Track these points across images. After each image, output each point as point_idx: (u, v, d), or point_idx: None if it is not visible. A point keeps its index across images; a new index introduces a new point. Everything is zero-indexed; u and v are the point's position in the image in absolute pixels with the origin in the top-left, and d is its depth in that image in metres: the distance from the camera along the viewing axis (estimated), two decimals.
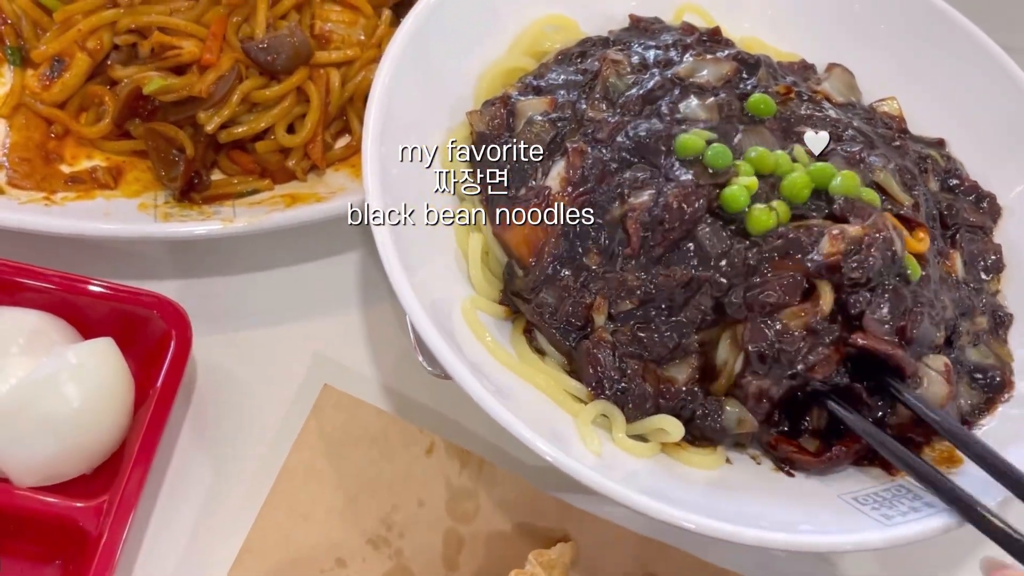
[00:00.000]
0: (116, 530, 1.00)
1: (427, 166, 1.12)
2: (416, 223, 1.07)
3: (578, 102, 1.15)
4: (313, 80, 1.30)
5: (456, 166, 1.14)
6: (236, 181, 1.28)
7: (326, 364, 1.23)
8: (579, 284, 1.05)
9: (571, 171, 1.07)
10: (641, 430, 1.03)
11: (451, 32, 1.19)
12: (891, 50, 1.33)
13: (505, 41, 1.24)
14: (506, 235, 1.08)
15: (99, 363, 1.05)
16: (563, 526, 1.10)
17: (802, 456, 1.05)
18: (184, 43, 1.26)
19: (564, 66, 1.20)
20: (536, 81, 1.19)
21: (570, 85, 1.17)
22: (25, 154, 1.26)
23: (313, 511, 1.08)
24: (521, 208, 1.07)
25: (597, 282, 1.05)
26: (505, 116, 1.14)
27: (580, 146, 1.09)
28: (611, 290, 1.04)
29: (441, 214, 1.09)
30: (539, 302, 1.06)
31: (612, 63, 1.17)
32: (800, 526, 0.97)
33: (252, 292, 1.27)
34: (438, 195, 1.12)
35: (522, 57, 1.23)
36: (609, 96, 1.15)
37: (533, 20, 1.25)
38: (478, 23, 1.22)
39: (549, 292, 1.06)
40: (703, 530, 0.91)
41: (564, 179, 1.08)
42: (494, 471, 1.11)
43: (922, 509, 0.98)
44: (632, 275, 1.03)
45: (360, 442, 1.11)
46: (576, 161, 1.08)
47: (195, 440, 1.15)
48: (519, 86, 1.19)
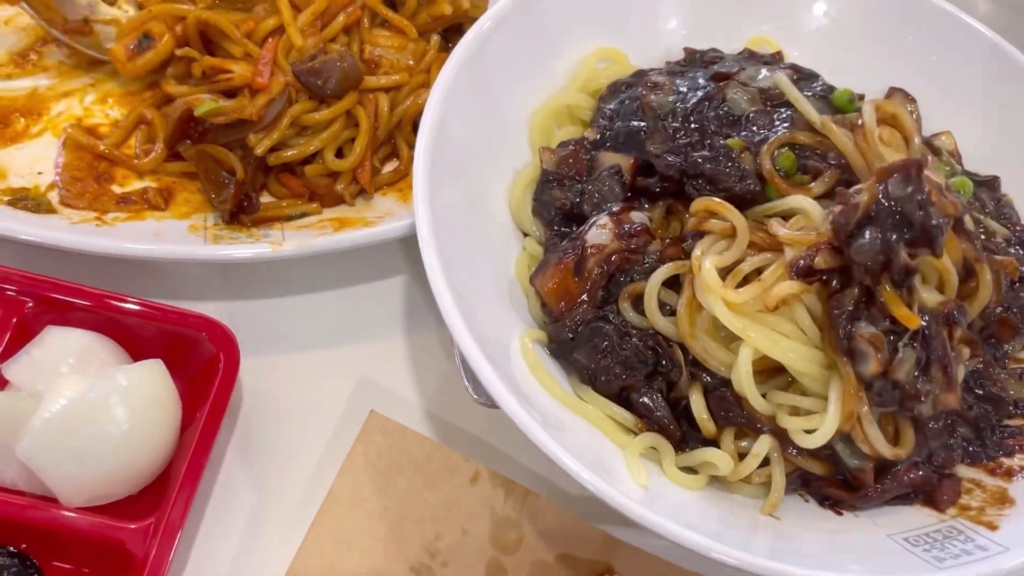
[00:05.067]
0: (162, 552, 1.00)
1: (477, 194, 1.12)
2: (465, 250, 1.07)
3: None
4: (362, 104, 1.31)
5: (521, 202, 1.14)
6: (285, 204, 1.28)
7: (371, 389, 1.23)
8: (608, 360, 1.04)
9: (615, 229, 1.07)
10: (690, 462, 1.03)
11: (502, 59, 1.20)
12: (944, 83, 1.32)
13: (556, 69, 1.24)
14: (536, 282, 1.08)
15: (148, 385, 1.05)
16: (606, 558, 1.10)
17: (837, 491, 1.04)
18: (235, 67, 1.27)
19: (617, 95, 1.20)
20: (605, 123, 1.19)
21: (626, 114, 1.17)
22: (77, 173, 1.27)
23: (357, 538, 1.07)
24: (557, 257, 1.07)
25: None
26: (583, 161, 1.14)
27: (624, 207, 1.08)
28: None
29: (494, 242, 1.09)
30: (574, 360, 1.06)
31: (651, 85, 1.17)
32: (849, 566, 0.96)
33: (299, 315, 1.28)
34: (490, 222, 1.12)
35: (576, 94, 1.24)
36: (656, 115, 1.15)
37: (585, 55, 1.25)
38: (529, 50, 1.23)
39: (581, 353, 1.05)
40: (746, 566, 0.90)
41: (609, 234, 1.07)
42: (539, 501, 1.11)
43: (974, 552, 0.97)
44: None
45: (405, 469, 1.11)
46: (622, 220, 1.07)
47: (240, 463, 1.15)
48: (596, 130, 1.18)
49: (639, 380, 1.03)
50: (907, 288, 0.98)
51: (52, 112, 1.34)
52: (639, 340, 1.03)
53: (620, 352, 1.03)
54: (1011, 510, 1.03)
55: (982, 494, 1.05)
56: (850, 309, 0.97)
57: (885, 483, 1.02)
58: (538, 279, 1.07)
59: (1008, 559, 0.94)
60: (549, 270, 1.06)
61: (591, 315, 1.04)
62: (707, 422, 1.03)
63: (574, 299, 1.05)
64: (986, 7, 1.61)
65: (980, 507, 1.03)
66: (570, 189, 1.12)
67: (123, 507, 1.05)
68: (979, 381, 1.10)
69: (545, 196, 1.13)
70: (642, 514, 0.91)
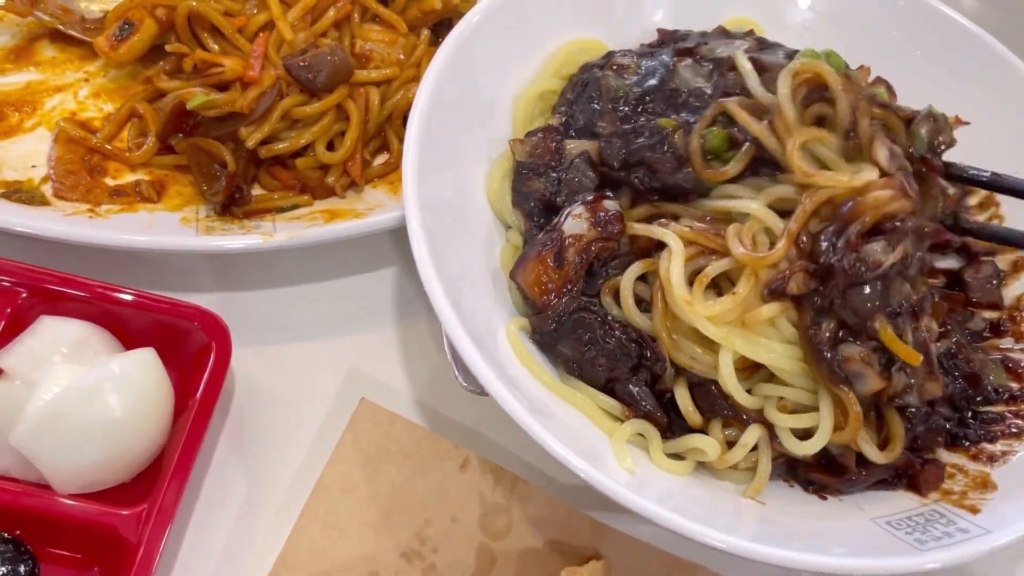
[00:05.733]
0: (154, 538, 1.01)
1: (466, 185, 1.13)
2: (454, 241, 1.08)
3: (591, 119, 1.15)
4: (353, 98, 1.32)
5: (499, 194, 1.15)
6: (276, 196, 1.30)
7: (361, 378, 1.24)
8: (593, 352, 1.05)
9: (591, 218, 1.06)
10: (677, 448, 1.04)
11: (490, 53, 1.21)
12: (928, 78, 1.33)
13: (543, 62, 1.25)
14: (518, 276, 1.07)
15: (141, 373, 1.06)
16: (595, 544, 1.11)
17: (821, 476, 1.05)
18: (226, 61, 1.28)
19: (581, 77, 1.20)
20: (566, 109, 1.19)
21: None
22: (71, 167, 1.28)
23: (348, 524, 1.09)
24: (536, 250, 1.06)
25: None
26: (552, 149, 1.13)
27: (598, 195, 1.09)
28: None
29: (481, 233, 1.10)
30: (559, 352, 1.06)
31: (615, 68, 1.16)
32: (832, 548, 0.97)
33: (290, 306, 1.29)
34: (477, 213, 1.13)
35: (552, 79, 1.24)
36: (611, 96, 1.14)
37: (562, 45, 1.25)
38: (517, 44, 1.23)
39: (566, 345, 1.05)
40: (733, 550, 0.92)
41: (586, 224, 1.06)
42: (528, 488, 1.12)
43: (955, 535, 0.98)
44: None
45: (395, 456, 1.12)
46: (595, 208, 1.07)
47: (232, 451, 1.16)
48: (558, 116, 1.18)
49: (624, 372, 1.04)
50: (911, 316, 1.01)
51: (46, 106, 1.35)
52: (622, 333, 1.03)
53: (604, 345, 1.03)
54: (993, 494, 1.04)
55: (964, 479, 1.06)
56: (828, 336, 0.99)
57: (869, 467, 1.04)
58: (519, 273, 1.06)
59: (989, 541, 0.95)
60: (529, 264, 1.05)
61: (574, 305, 1.04)
62: (693, 414, 1.04)
63: (556, 291, 1.05)
64: (972, 3, 1.63)
65: (962, 491, 1.05)
66: (547, 179, 1.12)
67: (116, 494, 1.06)
68: (952, 361, 1.12)
69: (523, 188, 1.13)
70: (629, 499, 0.92)
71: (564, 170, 1.12)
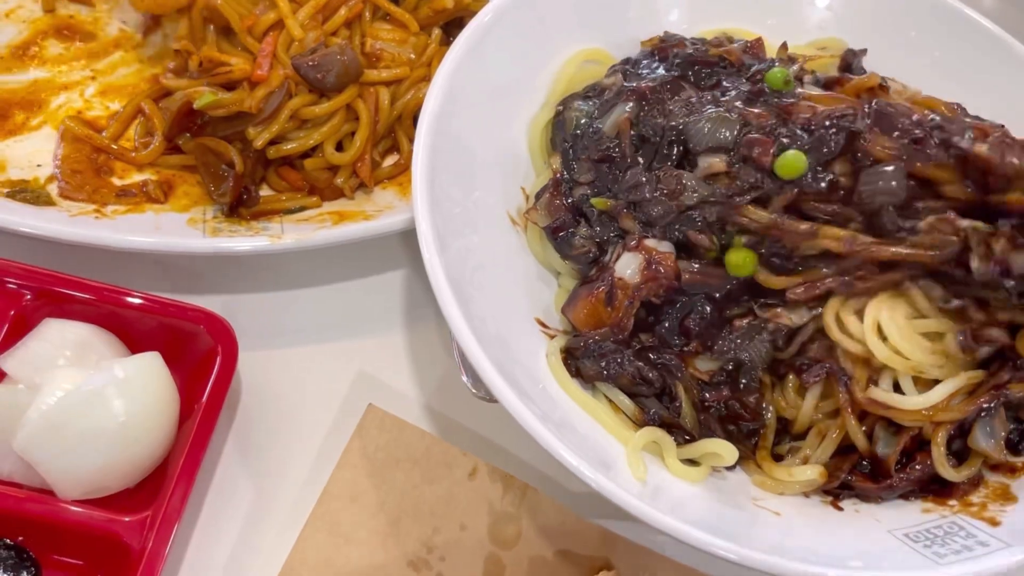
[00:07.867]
0: (159, 545, 1.00)
1: (477, 187, 1.12)
2: (464, 243, 1.07)
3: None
4: (363, 98, 1.30)
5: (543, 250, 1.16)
6: (284, 197, 1.28)
7: (369, 383, 1.22)
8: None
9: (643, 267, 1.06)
10: (692, 454, 1.03)
11: (502, 53, 1.19)
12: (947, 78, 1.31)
13: (555, 62, 1.23)
14: (568, 312, 1.09)
15: (146, 378, 1.05)
16: (605, 554, 1.09)
17: (862, 482, 1.04)
18: (233, 60, 1.27)
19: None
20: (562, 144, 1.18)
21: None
22: (77, 166, 1.27)
23: (355, 533, 1.07)
24: (588, 290, 1.07)
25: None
26: (567, 206, 1.13)
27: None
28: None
29: (492, 236, 1.09)
30: (580, 364, 1.06)
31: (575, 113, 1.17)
32: (849, 561, 0.95)
33: (298, 309, 1.28)
34: (488, 215, 1.11)
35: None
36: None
37: (567, 59, 1.23)
38: (528, 43, 1.22)
39: (589, 361, 1.06)
40: (746, 562, 0.90)
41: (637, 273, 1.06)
42: (537, 497, 1.10)
43: (975, 548, 0.96)
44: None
45: (403, 463, 1.11)
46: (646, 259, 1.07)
47: (238, 456, 1.15)
48: (557, 157, 1.17)
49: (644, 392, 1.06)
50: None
51: (52, 105, 1.34)
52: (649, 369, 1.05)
53: (626, 368, 1.04)
54: (1013, 507, 1.02)
55: (984, 490, 1.05)
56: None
57: (908, 469, 1.03)
58: (570, 310, 1.08)
59: (1009, 555, 0.94)
60: (579, 301, 1.07)
61: (613, 347, 1.05)
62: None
63: (604, 326, 1.06)
64: (991, 2, 1.61)
65: (982, 503, 1.03)
66: (581, 236, 1.11)
67: (121, 500, 1.05)
68: None
69: (570, 251, 1.12)
70: (642, 510, 0.91)
71: (598, 223, 1.12)
